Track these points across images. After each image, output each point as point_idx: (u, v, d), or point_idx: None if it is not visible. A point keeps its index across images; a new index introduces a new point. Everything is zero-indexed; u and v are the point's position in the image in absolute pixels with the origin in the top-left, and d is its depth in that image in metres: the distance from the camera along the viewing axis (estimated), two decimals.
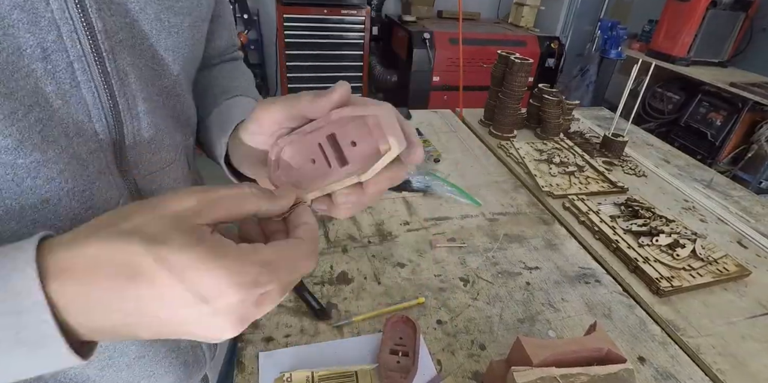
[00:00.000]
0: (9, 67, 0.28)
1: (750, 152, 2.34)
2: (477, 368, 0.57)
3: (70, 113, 0.32)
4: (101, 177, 0.36)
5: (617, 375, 0.45)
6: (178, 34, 0.39)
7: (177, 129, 0.44)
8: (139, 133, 0.38)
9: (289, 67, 2.95)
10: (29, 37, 0.28)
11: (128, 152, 0.38)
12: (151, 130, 0.39)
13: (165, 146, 0.42)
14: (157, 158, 0.41)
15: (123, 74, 0.35)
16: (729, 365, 0.61)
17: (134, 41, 0.35)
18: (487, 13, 3.68)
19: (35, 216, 0.33)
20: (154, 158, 0.41)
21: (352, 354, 0.58)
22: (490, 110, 1.31)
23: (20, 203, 0.32)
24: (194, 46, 0.42)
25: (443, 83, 3.02)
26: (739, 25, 2.57)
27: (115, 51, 0.33)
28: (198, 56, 0.45)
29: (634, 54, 2.87)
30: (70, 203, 0.34)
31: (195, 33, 0.41)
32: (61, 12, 0.29)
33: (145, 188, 0.41)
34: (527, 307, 0.68)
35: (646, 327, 0.67)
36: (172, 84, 0.41)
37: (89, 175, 0.35)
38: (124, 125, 0.36)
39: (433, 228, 0.85)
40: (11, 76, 0.28)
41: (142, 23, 0.35)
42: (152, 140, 0.40)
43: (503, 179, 1.05)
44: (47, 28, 0.29)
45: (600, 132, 1.33)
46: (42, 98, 0.30)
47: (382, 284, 0.70)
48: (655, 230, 0.83)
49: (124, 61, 0.34)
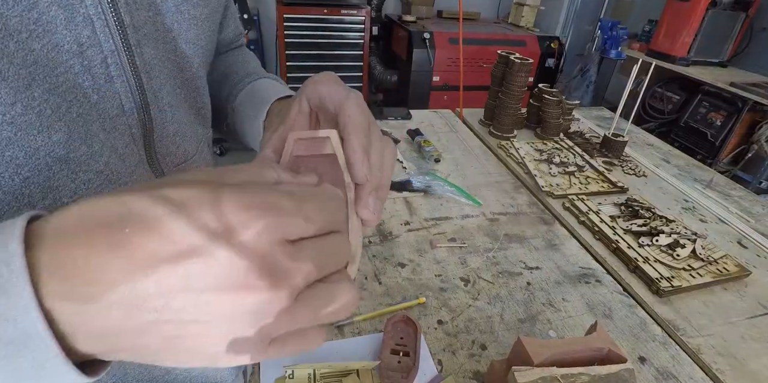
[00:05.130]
0: (50, 63, 0.28)
1: (750, 152, 2.34)
2: (478, 368, 0.57)
3: (106, 108, 0.33)
4: (137, 170, 0.37)
5: (618, 375, 0.45)
6: (197, 26, 0.39)
7: (198, 122, 0.45)
8: (164, 126, 0.39)
9: (289, 67, 2.95)
10: (66, 34, 0.29)
11: (156, 144, 0.39)
12: (175, 123, 0.40)
13: (188, 138, 0.43)
14: (182, 151, 0.42)
15: (149, 68, 0.35)
16: (729, 365, 0.61)
17: (158, 34, 0.36)
18: (487, 13, 3.68)
19: None
20: (179, 150, 0.42)
21: (353, 353, 0.58)
22: (490, 109, 1.31)
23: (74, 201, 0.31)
24: (210, 38, 0.43)
25: (443, 83, 3.02)
26: (739, 25, 2.57)
27: (141, 45, 0.34)
28: (213, 48, 0.45)
29: (634, 54, 2.87)
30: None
31: (211, 24, 0.42)
32: (94, 7, 0.30)
33: None
34: (528, 307, 0.68)
35: (647, 327, 0.67)
36: (192, 77, 0.42)
37: (127, 168, 0.36)
38: (153, 119, 0.37)
39: (434, 228, 0.85)
40: (52, 71, 0.28)
41: (165, 16, 0.36)
42: (177, 132, 0.41)
43: (503, 179, 1.05)
44: (82, 24, 0.30)
45: (600, 132, 1.33)
46: (81, 94, 0.31)
47: (383, 284, 0.70)
48: (655, 230, 0.83)
49: (149, 55, 0.35)
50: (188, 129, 0.42)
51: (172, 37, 0.37)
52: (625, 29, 2.95)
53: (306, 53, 2.92)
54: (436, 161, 1.09)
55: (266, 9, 3.09)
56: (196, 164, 0.45)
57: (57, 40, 0.28)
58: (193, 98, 0.43)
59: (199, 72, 0.42)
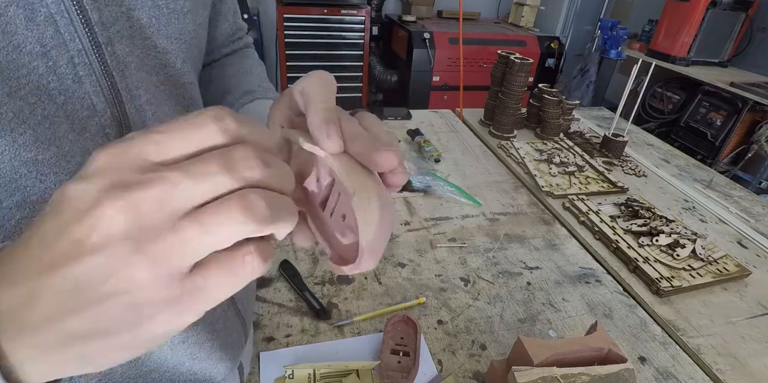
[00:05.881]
0: (10, 65, 0.27)
1: (750, 152, 2.34)
2: (478, 368, 0.57)
3: (75, 109, 0.32)
4: None
5: (618, 375, 0.45)
6: (178, 20, 0.38)
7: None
8: (144, 124, 0.38)
9: (289, 67, 2.95)
10: (27, 34, 0.28)
11: None
12: (156, 120, 0.39)
13: None
14: None
15: (123, 66, 0.34)
16: (729, 365, 0.61)
17: (132, 31, 0.34)
18: (487, 13, 3.68)
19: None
20: None
21: (353, 354, 0.58)
22: (490, 110, 1.31)
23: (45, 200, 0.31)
24: (196, 32, 0.42)
25: (443, 83, 3.02)
26: (739, 25, 2.57)
27: (113, 42, 0.33)
28: (202, 42, 0.44)
29: (634, 54, 2.87)
30: None
31: (196, 17, 0.41)
32: (56, 6, 0.29)
33: None
34: (528, 307, 0.68)
35: (647, 327, 0.67)
36: (177, 73, 0.40)
37: None
38: (129, 117, 0.36)
39: (434, 228, 0.85)
40: (12, 74, 0.28)
41: (140, 12, 0.35)
42: None
43: (503, 179, 1.05)
44: (44, 24, 0.29)
45: (600, 132, 1.33)
46: (45, 95, 0.30)
47: (383, 284, 0.70)
48: (655, 230, 0.83)
49: (123, 52, 0.34)
50: None
51: (150, 33, 0.36)
52: (625, 29, 2.94)
53: (306, 53, 2.93)
54: (436, 161, 1.09)
55: (266, 9, 3.09)
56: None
57: (18, 41, 0.28)
58: (180, 94, 0.42)
59: (184, 68, 0.41)
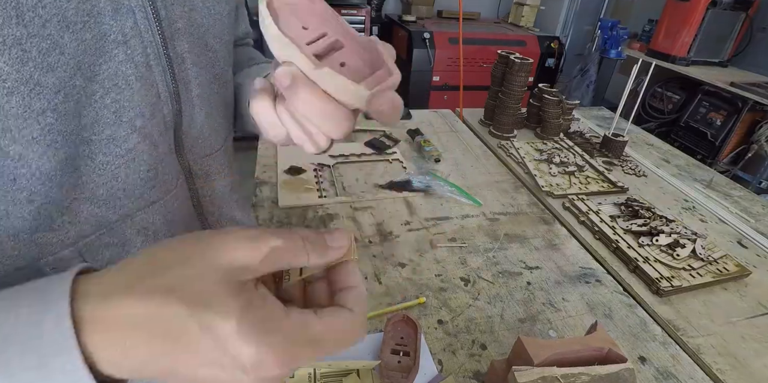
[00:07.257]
0: (96, 52, 0.30)
1: (750, 152, 2.34)
2: (478, 368, 0.57)
3: (147, 95, 0.35)
4: (166, 158, 0.39)
5: (618, 375, 0.45)
6: (221, 21, 0.41)
7: (224, 116, 0.46)
8: (192, 117, 0.41)
9: None
10: (113, 24, 0.31)
11: (184, 134, 0.41)
12: (202, 115, 0.42)
13: (214, 131, 0.44)
14: (208, 143, 0.44)
15: (181, 60, 0.37)
16: (729, 365, 0.61)
17: (191, 29, 0.38)
18: (487, 12, 3.68)
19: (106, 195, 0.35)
20: (205, 143, 0.44)
21: (353, 353, 0.58)
22: (490, 109, 1.31)
23: (94, 181, 0.33)
24: (231, 33, 0.45)
25: (443, 83, 3.02)
26: (739, 25, 2.57)
27: (175, 38, 0.36)
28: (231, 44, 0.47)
29: (634, 54, 2.87)
30: (137, 181, 0.36)
31: (231, 20, 0.44)
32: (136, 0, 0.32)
33: (197, 172, 0.44)
34: (528, 307, 0.68)
35: (647, 326, 0.67)
36: (221, 72, 0.43)
37: (158, 155, 0.37)
38: (182, 108, 0.39)
39: (434, 228, 0.85)
40: (97, 60, 0.30)
41: (197, 12, 0.38)
42: (203, 124, 0.42)
43: (503, 179, 1.05)
44: (126, 15, 0.31)
45: (600, 132, 1.33)
46: (122, 81, 0.32)
47: (383, 284, 0.70)
48: (655, 230, 0.83)
49: (181, 47, 0.37)
50: (215, 122, 0.44)
51: (202, 32, 0.39)
52: (625, 29, 2.94)
53: None
54: (436, 161, 1.09)
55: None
56: (219, 159, 0.47)
57: (105, 30, 0.30)
58: (223, 92, 0.45)
59: (225, 66, 0.44)
